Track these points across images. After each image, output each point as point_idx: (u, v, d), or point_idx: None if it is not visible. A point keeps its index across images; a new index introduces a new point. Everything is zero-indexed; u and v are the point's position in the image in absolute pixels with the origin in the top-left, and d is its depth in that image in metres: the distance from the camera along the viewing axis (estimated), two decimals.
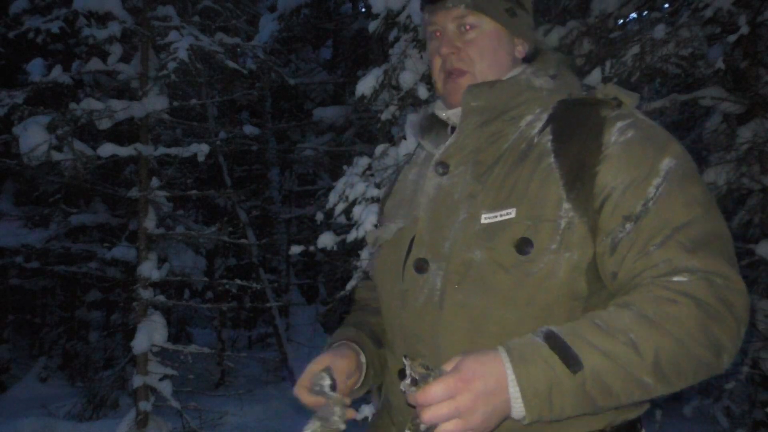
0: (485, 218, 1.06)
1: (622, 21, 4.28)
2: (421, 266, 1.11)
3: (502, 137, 1.13)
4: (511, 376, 0.88)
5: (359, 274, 3.94)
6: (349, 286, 4.04)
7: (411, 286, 1.12)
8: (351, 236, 3.79)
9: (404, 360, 0.91)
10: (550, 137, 1.08)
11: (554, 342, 0.90)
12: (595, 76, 3.55)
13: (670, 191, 0.99)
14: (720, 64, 3.51)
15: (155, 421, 5.02)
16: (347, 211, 3.95)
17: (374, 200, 3.84)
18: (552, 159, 1.05)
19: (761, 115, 3.79)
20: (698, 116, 5.87)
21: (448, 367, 0.89)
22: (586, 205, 1.01)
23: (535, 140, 1.09)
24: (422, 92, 3.73)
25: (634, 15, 4.36)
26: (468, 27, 1.17)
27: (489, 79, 1.17)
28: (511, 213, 1.04)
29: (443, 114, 1.23)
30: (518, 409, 0.89)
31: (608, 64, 3.59)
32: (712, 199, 1.03)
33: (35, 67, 5.17)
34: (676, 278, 0.94)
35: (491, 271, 1.03)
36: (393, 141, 4.13)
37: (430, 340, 1.08)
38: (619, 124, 1.04)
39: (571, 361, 0.89)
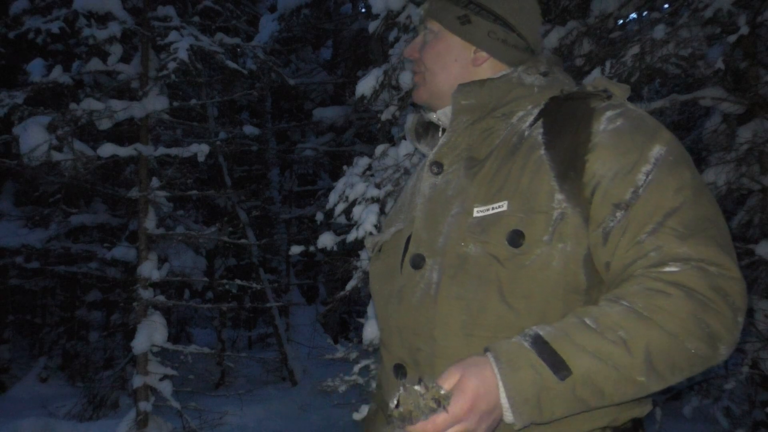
0: (477, 212, 1.06)
1: (622, 21, 4.28)
2: (417, 262, 1.11)
3: (494, 133, 1.13)
4: (501, 385, 0.88)
5: (359, 274, 3.94)
6: (349, 286, 4.04)
7: (407, 282, 1.12)
8: (351, 236, 3.79)
9: (400, 388, 0.85)
10: (541, 130, 1.07)
11: (541, 348, 0.89)
12: (595, 76, 3.55)
13: (660, 178, 0.97)
14: (720, 65, 3.51)
15: (155, 421, 5.02)
16: (347, 212, 3.95)
17: (374, 200, 3.84)
18: (543, 151, 1.04)
19: (761, 115, 3.79)
20: (698, 116, 5.88)
21: (446, 384, 0.86)
22: (578, 195, 1.00)
23: (526, 133, 1.09)
24: None
25: (634, 15, 4.37)
26: (430, 33, 1.22)
27: (438, 84, 1.20)
28: (503, 206, 1.03)
29: (434, 116, 1.24)
30: (509, 416, 0.89)
31: (608, 64, 3.59)
32: (703, 184, 1.01)
33: (35, 67, 5.17)
34: (667, 268, 0.92)
35: (486, 264, 1.03)
36: (393, 141, 4.14)
37: (427, 333, 1.07)
38: (609, 113, 1.04)
39: (558, 367, 0.88)
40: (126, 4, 5.22)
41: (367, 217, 3.71)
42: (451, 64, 1.20)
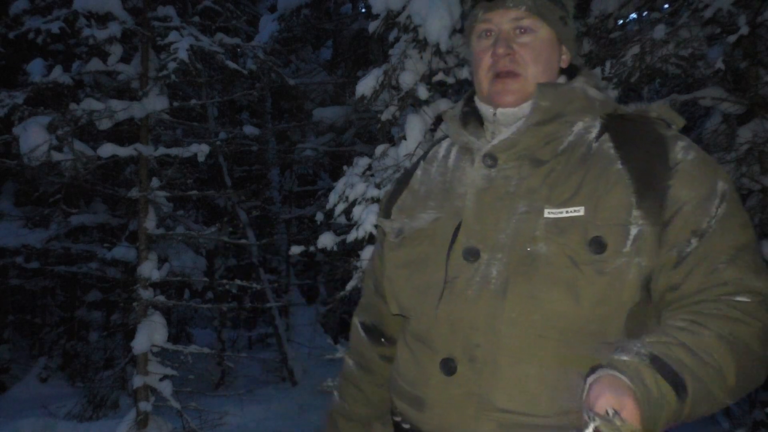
0: (549, 213, 1.08)
1: (622, 21, 4.28)
2: (471, 254, 1.11)
3: (557, 139, 1.14)
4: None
5: (359, 275, 3.94)
6: (349, 287, 4.04)
7: (460, 274, 1.11)
8: (351, 236, 3.79)
9: (595, 419, 0.83)
10: (611, 144, 1.11)
11: (661, 367, 0.91)
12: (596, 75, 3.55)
13: (729, 212, 1.05)
14: (720, 65, 3.51)
15: (155, 421, 5.02)
16: (347, 212, 3.95)
17: (374, 200, 3.84)
18: (620, 165, 1.08)
19: (761, 115, 3.79)
20: (698, 116, 5.87)
21: (600, 402, 0.85)
22: (656, 215, 1.04)
23: (594, 145, 1.12)
24: (422, 92, 3.72)
25: (634, 15, 4.37)
26: (524, 30, 1.17)
27: (533, 83, 1.18)
28: (579, 211, 1.06)
29: (491, 111, 1.20)
30: None
31: (608, 64, 3.58)
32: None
33: (35, 68, 5.17)
34: (740, 298, 0.99)
35: (562, 265, 1.04)
36: (393, 141, 4.13)
37: (488, 328, 1.07)
38: (680, 143, 1.09)
39: (679, 387, 0.91)
40: (126, 4, 5.21)
41: (367, 217, 3.71)
42: (552, 62, 1.20)
